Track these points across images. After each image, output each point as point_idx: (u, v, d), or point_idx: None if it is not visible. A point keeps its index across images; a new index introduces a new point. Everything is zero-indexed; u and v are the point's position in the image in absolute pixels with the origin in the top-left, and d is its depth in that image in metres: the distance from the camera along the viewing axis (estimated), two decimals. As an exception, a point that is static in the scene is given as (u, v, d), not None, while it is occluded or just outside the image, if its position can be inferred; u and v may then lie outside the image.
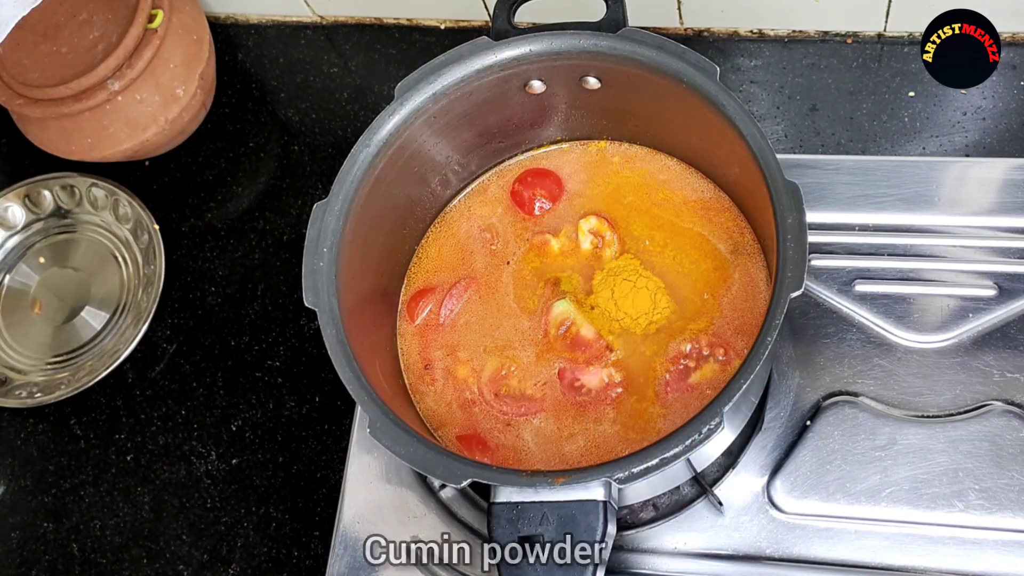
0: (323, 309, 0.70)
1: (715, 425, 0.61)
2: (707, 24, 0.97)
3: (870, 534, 0.75)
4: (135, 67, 0.92)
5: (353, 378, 0.68)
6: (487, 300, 0.82)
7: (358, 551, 0.81)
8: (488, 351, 0.79)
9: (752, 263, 0.78)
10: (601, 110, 0.82)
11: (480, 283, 0.82)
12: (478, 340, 0.80)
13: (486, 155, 0.85)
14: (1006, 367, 0.79)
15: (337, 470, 0.86)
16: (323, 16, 1.06)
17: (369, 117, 0.75)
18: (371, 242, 0.78)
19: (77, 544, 0.89)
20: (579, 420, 0.76)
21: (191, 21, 0.97)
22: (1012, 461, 0.76)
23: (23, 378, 0.96)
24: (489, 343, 0.80)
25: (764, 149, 0.68)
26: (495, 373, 0.79)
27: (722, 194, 0.81)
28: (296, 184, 1.00)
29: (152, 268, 0.95)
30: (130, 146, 0.95)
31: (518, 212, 0.85)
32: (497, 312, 0.81)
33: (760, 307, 0.77)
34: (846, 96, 0.92)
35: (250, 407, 0.91)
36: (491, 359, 0.79)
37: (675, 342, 0.77)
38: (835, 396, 0.80)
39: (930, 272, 0.83)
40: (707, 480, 0.78)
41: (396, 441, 0.65)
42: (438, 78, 0.75)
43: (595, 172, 0.85)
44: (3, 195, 1.02)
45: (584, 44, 0.74)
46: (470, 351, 0.80)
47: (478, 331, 0.81)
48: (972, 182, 0.86)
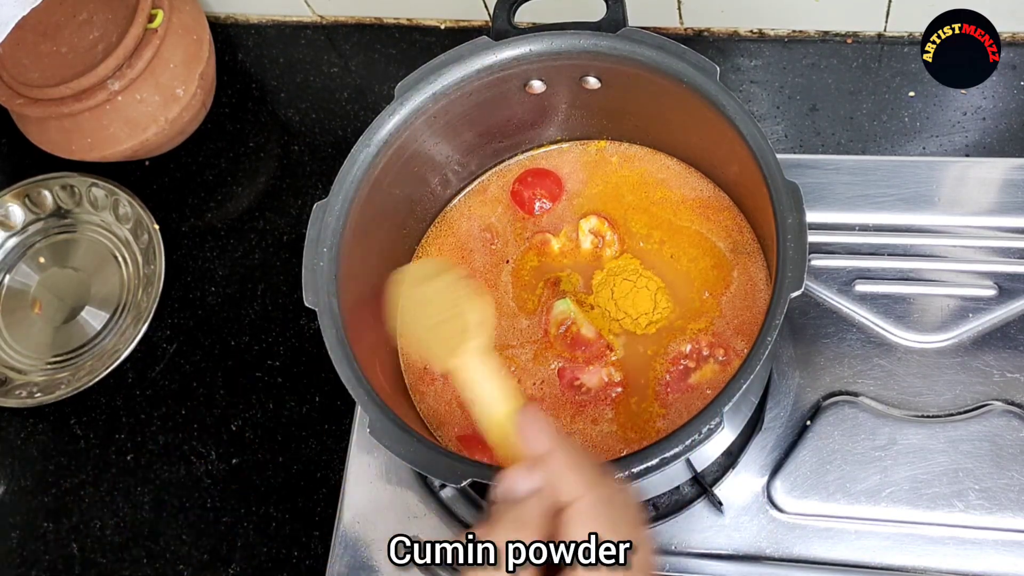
0: (323, 309, 0.70)
1: (715, 425, 0.62)
2: (707, 24, 0.97)
3: (870, 534, 0.75)
4: (135, 67, 0.92)
5: (353, 378, 0.68)
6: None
7: (358, 551, 0.81)
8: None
9: (752, 263, 0.78)
10: (601, 110, 0.82)
11: (479, 282, 0.82)
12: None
13: (486, 155, 0.85)
14: (1006, 367, 0.79)
15: (337, 470, 0.86)
16: (323, 16, 1.06)
17: (369, 117, 0.75)
18: (371, 242, 0.78)
19: (77, 544, 0.89)
20: (578, 420, 0.76)
21: (191, 21, 0.97)
22: (1012, 461, 0.76)
23: (23, 378, 0.96)
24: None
25: (764, 149, 0.68)
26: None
27: (722, 194, 0.81)
28: (296, 184, 1.00)
29: (152, 268, 0.95)
30: (130, 146, 0.95)
31: (518, 212, 0.85)
32: (497, 311, 0.81)
33: (760, 307, 0.77)
34: (846, 96, 0.92)
35: (250, 407, 0.91)
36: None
37: (675, 342, 0.77)
38: (835, 396, 0.80)
39: (930, 272, 0.83)
40: (707, 480, 0.78)
41: (396, 441, 0.65)
42: (438, 78, 0.75)
43: (594, 172, 0.85)
44: (3, 195, 1.02)
45: (584, 44, 0.74)
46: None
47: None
48: (972, 182, 0.86)
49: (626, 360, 0.77)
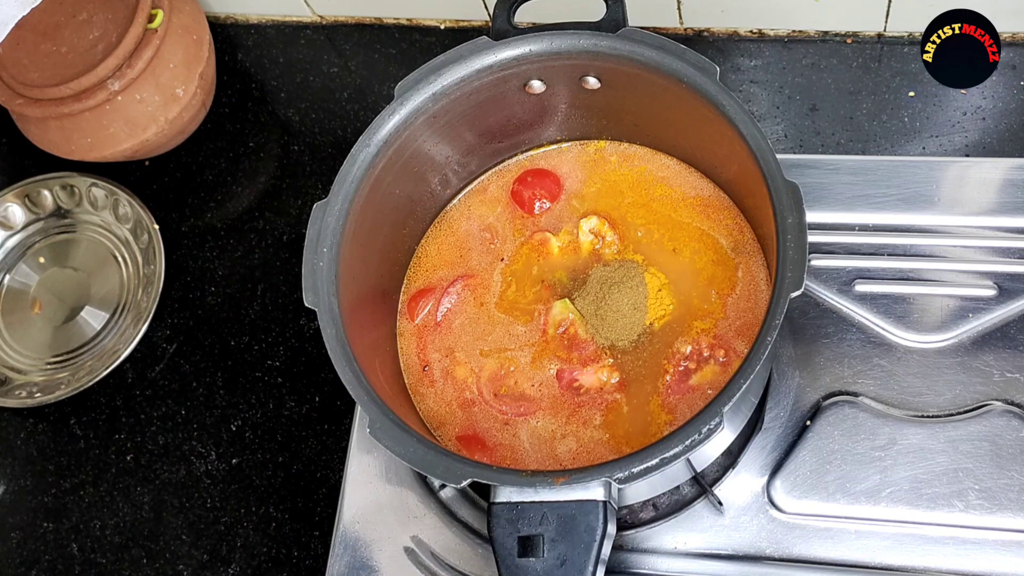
0: (323, 309, 0.70)
1: (715, 425, 0.61)
2: (707, 24, 0.96)
3: (870, 534, 0.75)
4: (135, 67, 0.92)
5: (353, 378, 0.68)
6: (486, 299, 0.82)
7: (358, 551, 0.81)
8: (485, 354, 0.79)
9: (752, 263, 0.78)
10: (601, 110, 0.82)
11: (479, 282, 0.82)
12: (476, 339, 0.80)
13: (486, 155, 0.85)
14: (1006, 367, 0.79)
15: (337, 470, 0.86)
16: (323, 16, 1.06)
17: (369, 117, 0.75)
18: (371, 242, 0.78)
19: (77, 544, 0.89)
20: (576, 420, 0.76)
21: (191, 21, 0.97)
22: (1012, 461, 0.76)
23: (23, 378, 0.96)
24: (487, 343, 0.80)
25: (764, 149, 0.68)
26: (495, 373, 0.79)
27: (721, 193, 0.81)
28: (296, 184, 1.00)
29: (152, 268, 0.95)
30: (130, 146, 0.95)
31: (518, 211, 0.85)
32: (496, 310, 0.81)
33: (760, 307, 0.77)
34: (846, 96, 0.92)
35: (250, 407, 0.91)
36: (490, 359, 0.79)
37: (676, 343, 0.77)
38: (835, 396, 0.80)
39: (930, 272, 0.83)
40: (707, 480, 0.78)
41: (396, 441, 0.65)
42: (438, 78, 0.75)
43: (594, 171, 0.85)
44: (3, 195, 1.02)
45: (584, 44, 0.74)
46: (467, 350, 0.80)
47: (476, 331, 0.80)
48: (972, 182, 0.86)
49: (624, 362, 0.77)
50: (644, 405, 0.76)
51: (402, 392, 0.80)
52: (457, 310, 0.81)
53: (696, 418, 0.62)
